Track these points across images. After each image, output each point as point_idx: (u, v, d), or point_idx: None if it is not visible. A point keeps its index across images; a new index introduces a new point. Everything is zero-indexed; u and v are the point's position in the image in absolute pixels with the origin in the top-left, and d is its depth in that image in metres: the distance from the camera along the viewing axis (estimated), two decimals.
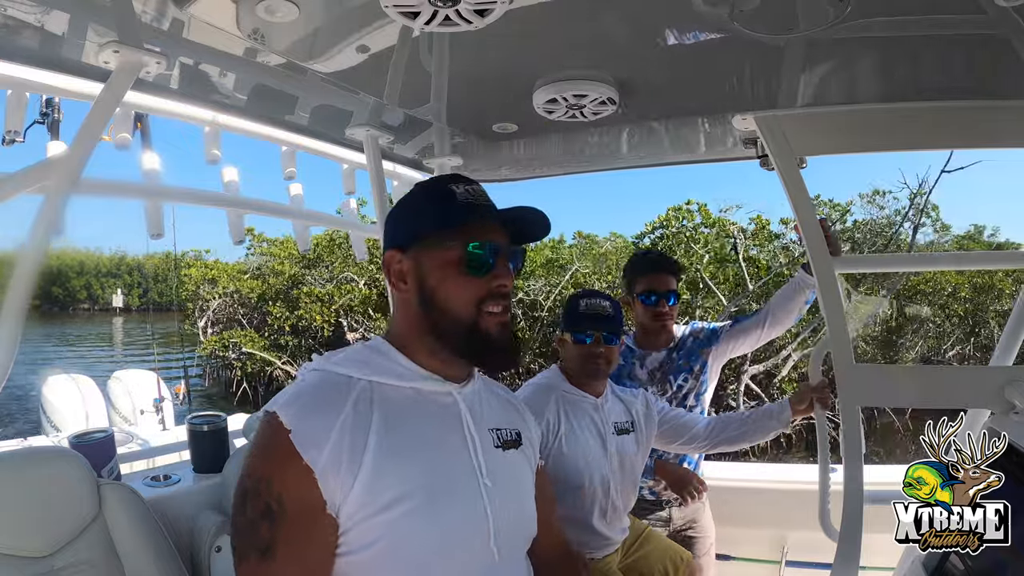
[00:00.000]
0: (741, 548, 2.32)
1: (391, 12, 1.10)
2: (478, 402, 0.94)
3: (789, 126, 1.63)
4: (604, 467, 1.59)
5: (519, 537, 0.94)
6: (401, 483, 0.79)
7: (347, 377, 0.85)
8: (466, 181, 0.91)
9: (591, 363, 1.59)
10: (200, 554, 1.50)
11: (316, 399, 0.81)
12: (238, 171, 1.94)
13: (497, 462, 0.90)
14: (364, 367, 0.86)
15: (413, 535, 0.79)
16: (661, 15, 1.19)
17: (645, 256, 2.20)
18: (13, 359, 1.17)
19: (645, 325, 2.06)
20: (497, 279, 0.88)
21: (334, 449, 0.76)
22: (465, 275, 0.87)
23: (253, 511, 0.76)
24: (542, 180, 2.51)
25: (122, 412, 4.27)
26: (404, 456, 0.81)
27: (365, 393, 0.83)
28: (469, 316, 0.87)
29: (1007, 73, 1.42)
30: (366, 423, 0.80)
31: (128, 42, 1.24)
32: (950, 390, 1.57)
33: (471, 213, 0.87)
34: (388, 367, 0.87)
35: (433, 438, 0.86)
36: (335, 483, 0.76)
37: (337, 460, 0.76)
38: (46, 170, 1.25)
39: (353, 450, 0.77)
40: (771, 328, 2.02)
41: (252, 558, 0.76)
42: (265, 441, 0.79)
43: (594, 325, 1.58)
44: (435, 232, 0.88)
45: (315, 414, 0.79)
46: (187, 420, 1.84)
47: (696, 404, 2.03)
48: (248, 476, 0.78)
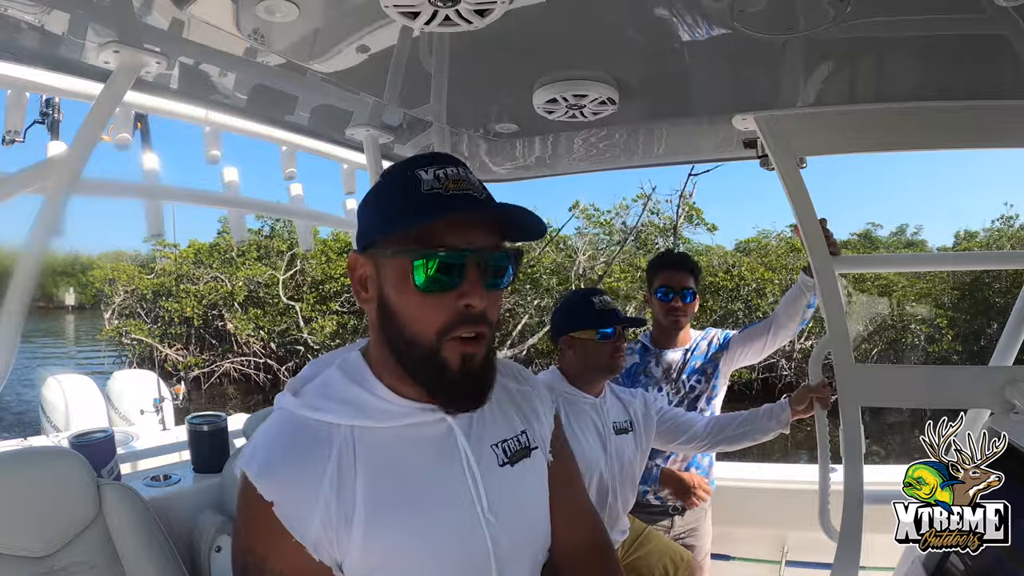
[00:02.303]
0: (741, 548, 2.32)
1: (391, 12, 1.10)
2: (478, 418, 0.82)
3: (789, 126, 1.63)
4: (604, 467, 1.59)
5: (527, 561, 0.86)
6: (397, 534, 0.73)
7: (326, 425, 0.74)
8: (440, 162, 0.74)
9: (616, 358, 1.62)
10: (200, 554, 1.50)
11: (295, 462, 0.72)
12: (238, 171, 1.94)
13: (501, 486, 0.81)
14: (345, 408, 0.75)
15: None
16: (661, 15, 1.19)
17: (665, 254, 2.25)
18: (13, 359, 1.17)
19: (661, 322, 2.08)
20: (464, 297, 0.71)
21: (323, 517, 0.70)
22: (423, 292, 0.70)
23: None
24: (542, 180, 2.52)
25: (122, 412, 4.26)
26: (396, 507, 0.73)
27: (347, 443, 0.73)
28: (429, 343, 0.71)
29: (1007, 73, 1.42)
30: (351, 478, 0.72)
31: (128, 42, 1.24)
32: (950, 390, 1.57)
33: (436, 209, 0.70)
34: (371, 404, 0.76)
35: (427, 480, 0.76)
36: (330, 548, 0.71)
37: (328, 526, 0.70)
38: (46, 170, 1.25)
39: (342, 511, 0.71)
40: (776, 335, 2.02)
41: None
42: (250, 516, 0.72)
43: (616, 320, 1.62)
44: (394, 233, 0.72)
45: (296, 482, 0.70)
46: (187, 420, 1.84)
47: (707, 408, 2.04)
48: (243, 552, 0.73)
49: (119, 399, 4.33)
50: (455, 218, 0.71)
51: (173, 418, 4.07)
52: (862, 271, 9.33)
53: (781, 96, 1.62)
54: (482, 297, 0.71)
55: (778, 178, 1.64)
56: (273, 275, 14.16)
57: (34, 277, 1.19)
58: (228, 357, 14.48)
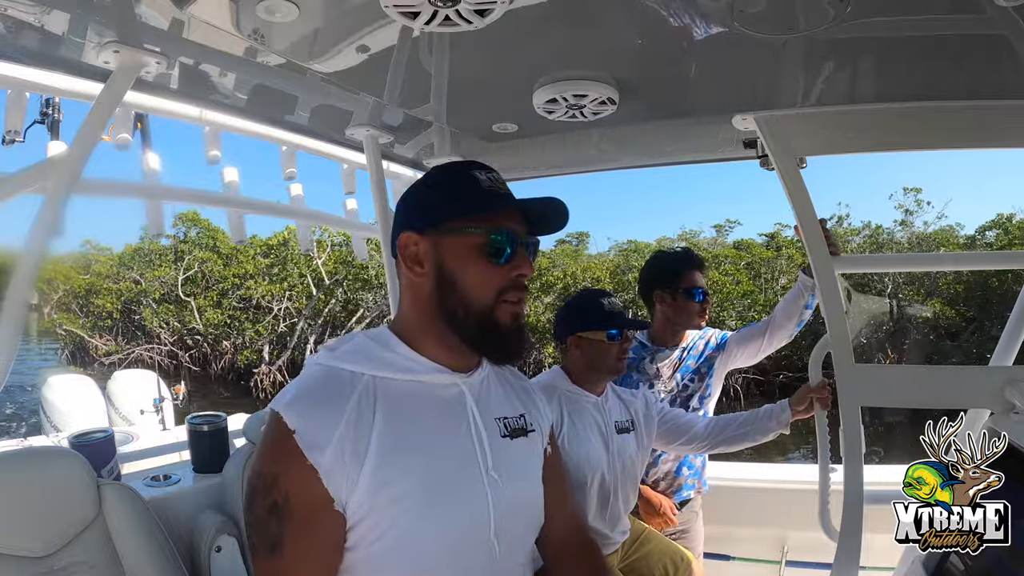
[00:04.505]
0: (741, 548, 2.32)
1: (391, 12, 1.10)
2: (485, 391, 0.93)
3: (789, 126, 1.63)
4: (606, 467, 1.59)
5: (523, 527, 0.94)
6: (405, 478, 0.80)
7: (350, 372, 0.84)
8: (486, 168, 0.90)
9: (621, 359, 1.64)
10: (200, 554, 1.50)
11: (319, 398, 0.81)
12: (238, 171, 1.94)
13: (504, 452, 0.90)
14: (367, 361, 0.85)
15: (417, 529, 0.80)
16: (661, 15, 1.19)
17: (684, 253, 2.17)
18: (13, 359, 1.17)
19: (679, 321, 2.05)
20: (517, 269, 0.87)
21: (337, 448, 0.77)
22: (487, 263, 0.86)
23: (261, 508, 0.78)
24: (542, 180, 2.52)
25: (122, 412, 4.26)
26: (407, 452, 0.81)
27: (368, 389, 0.83)
28: (487, 304, 0.86)
29: (1007, 73, 1.42)
30: (369, 420, 0.80)
31: (128, 42, 1.24)
32: (950, 390, 1.57)
33: (496, 201, 0.87)
34: (392, 360, 0.86)
35: (437, 432, 0.85)
36: (340, 480, 0.77)
37: (341, 458, 0.77)
38: (46, 170, 1.25)
39: (356, 448, 0.78)
40: (773, 336, 2.01)
41: (262, 554, 0.78)
42: (271, 440, 0.80)
43: (625, 322, 1.63)
44: (458, 217, 0.86)
45: (318, 414, 0.79)
46: (187, 420, 1.84)
47: (700, 407, 2.03)
48: (256, 474, 0.80)
49: (119, 399, 4.33)
50: (513, 209, 0.88)
51: (173, 418, 4.06)
52: (862, 271, 9.32)
53: (781, 96, 1.62)
54: (529, 268, 0.89)
55: (778, 178, 1.64)
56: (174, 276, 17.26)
57: (34, 277, 1.19)
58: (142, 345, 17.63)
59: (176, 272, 17.24)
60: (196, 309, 16.84)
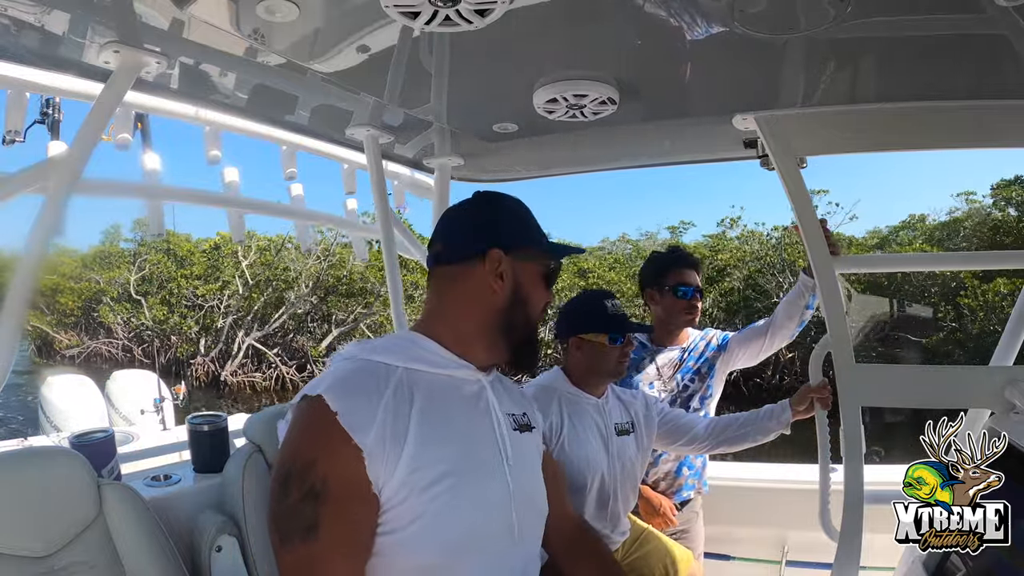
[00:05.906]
0: (741, 548, 2.32)
1: (391, 12, 1.10)
2: (497, 389, 1.01)
3: (789, 126, 1.63)
4: (606, 468, 1.59)
5: (535, 515, 1.00)
6: (440, 465, 0.84)
7: (384, 365, 0.89)
8: None
9: (622, 363, 1.64)
10: (200, 554, 1.50)
11: (359, 384, 0.85)
12: (238, 171, 1.94)
13: (516, 444, 0.98)
14: (400, 355, 0.91)
15: (447, 515, 0.83)
16: (661, 15, 1.19)
17: (674, 252, 2.20)
18: (13, 359, 1.17)
19: (669, 320, 2.06)
20: (550, 295, 1.03)
21: (379, 431, 0.80)
22: (545, 289, 1.02)
23: (297, 493, 0.78)
24: (542, 180, 2.52)
25: (122, 412, 4.25)
26: (442, 439, 0.86)
27: (403, 379, 0.88)
28: (537, 319, 1.01)
29: (1007, 73, 1.42)
30: (406, 407, 0.85)
31: (128, 42, 1.24)
32: (950, 390, 1.57)
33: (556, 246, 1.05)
34: (423, 355, 0.93)
35: (466, 421, 0.92)
36: (380, 464, 0.80)
37: (382, 442, 0.80)
38: (46, 170, 1.25)
39: (396, 433, 0.82)
40: (774, 336, 2.01)
41: (296, 540, 0.78)
42: (310, 424, 0.82)
43: (627, 326, 1.63)
44: (536, 248, 1.01)
45: (360, 397, 0.83)
46: (188, 420, 1.83)
47: (700, 407, 2.03)
48: (291, 460, 0.80)
49: (119, 399, 4.32)
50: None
51: (173, 418, 4.06)
52: (862, 271, 9.31)
53: (781, 96, 1.62)
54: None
55: (778, 178, 1.64)
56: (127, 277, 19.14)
57: (35, 277, 1.20)
58: (100, 340, 19.61)
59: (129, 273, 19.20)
60: (147, 307, 18.70)
